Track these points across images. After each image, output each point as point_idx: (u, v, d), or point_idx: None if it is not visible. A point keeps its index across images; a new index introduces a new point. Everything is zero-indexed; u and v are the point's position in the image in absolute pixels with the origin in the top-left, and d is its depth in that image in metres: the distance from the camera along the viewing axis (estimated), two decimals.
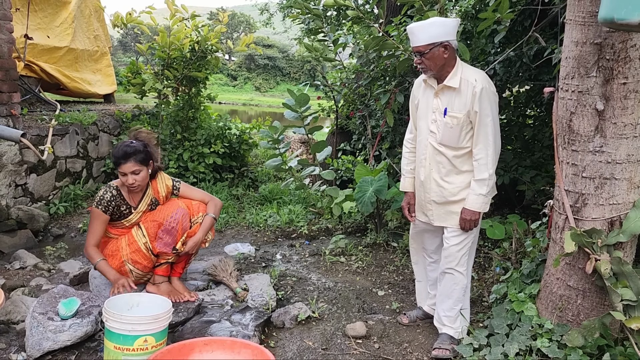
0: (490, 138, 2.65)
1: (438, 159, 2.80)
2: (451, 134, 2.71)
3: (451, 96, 2.71)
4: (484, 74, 2.74)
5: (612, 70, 2.28)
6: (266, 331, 3.04)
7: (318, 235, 5.05)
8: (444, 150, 2.76)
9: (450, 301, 2.89)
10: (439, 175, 2.81)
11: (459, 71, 2.70)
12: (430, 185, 2.85)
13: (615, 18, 1.84)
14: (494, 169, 2.69)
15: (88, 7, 7.58)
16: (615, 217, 2.44)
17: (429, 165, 2.84)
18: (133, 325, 2.40)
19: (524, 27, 4.42)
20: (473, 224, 2.76)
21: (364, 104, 5.81)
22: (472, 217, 2.73)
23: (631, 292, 2.33)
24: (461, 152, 2.74)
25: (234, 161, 6.69)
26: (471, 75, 2.68)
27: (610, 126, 2.35)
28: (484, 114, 2.64)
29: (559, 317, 2.65)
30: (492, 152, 2.67)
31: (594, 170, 2.43)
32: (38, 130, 5.11)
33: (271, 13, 14.09)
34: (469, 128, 2.70)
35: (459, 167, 2.76)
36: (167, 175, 3.33)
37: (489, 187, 2.70)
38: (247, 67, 41.15)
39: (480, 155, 2.68)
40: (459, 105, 2.68)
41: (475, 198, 2.70)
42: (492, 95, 2.68)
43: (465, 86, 2.67)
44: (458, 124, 2.68)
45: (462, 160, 2.75)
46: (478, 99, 2.62)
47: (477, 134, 2.67)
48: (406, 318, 3.22)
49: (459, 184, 2.77)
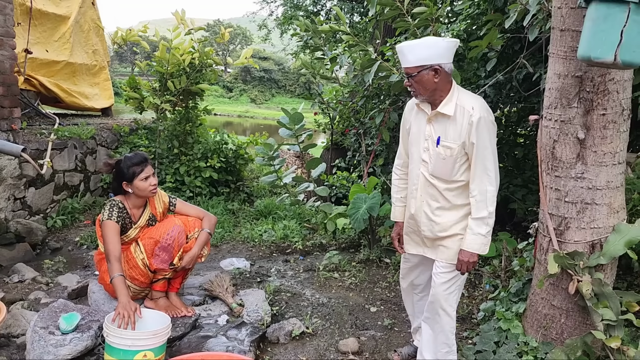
0: (489, 172, 2.42)
1: (430, 191, 2.58)
2: (444, 166, 2.49)
3: (445, 124, 2.47)
4: (482, 100, 2.49)
5: (592, 102, 2.42)
6: (261, 346, 3.12)
7: (312, 250, 5.14)
8: (436, 182, 2.54)
9: (439, 342, 2.69)
10: (429, 208, 2.59)
11: (455, 97, 2.46)
12: (420, 218, 2.64)
13: (592, 57, 1.98)
14: (493, 206, 2.44)
15: (87, 22, 7.70)
16: (596, 240, 2.56)
17: (420, 197, 2.62)
18: (133, 341, 2.49)
19: (514, 51, 4.57)
20: (471, 266, 2.50)
21: (359, 121, 5.94)
22: (470, 259, 2.48)
23: (611, 312, 2.44)
24: (454, 186, 2.51)
25: (230, 175, 6.79)
26: (468, 102, 2.43)
27: (591, 154, 2.48)
28: (481, 145, 2.39)
29: (543, 335, 2.75)
30: (493, 189, 2.43)
31: (576, 195, 2.55)
32: (37, 144, 5.20)
33: (269, 29, 14.26)
34: (463, 160, 2.47)
35: (452, 202, 2.53)
36: (163, 192, 3.44)
37: (489, 226, 2.45)
38: (242, 79, 41.43)
39: (478, 191, 2.43)
40: (454, 135, 2.45)
41: (473, 238, 2.46)
42: (491, 125, 2.42)
43: (460, 114, 2.43)
44: (452, 155, 2.45)
45: (455, 194, 2.52)
46: (475, 129, 2.38)
47: (474, 167, 2.43)
48: (397, 356, 3.06)
49: (451, 218, 2.55)
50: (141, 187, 3.10)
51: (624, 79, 2.42)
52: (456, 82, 2.52)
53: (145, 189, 3.11)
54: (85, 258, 4.68)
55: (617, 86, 2.40)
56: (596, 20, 1.96)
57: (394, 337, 3.35)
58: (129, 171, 3.07)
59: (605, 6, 1.93)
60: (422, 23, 4.13)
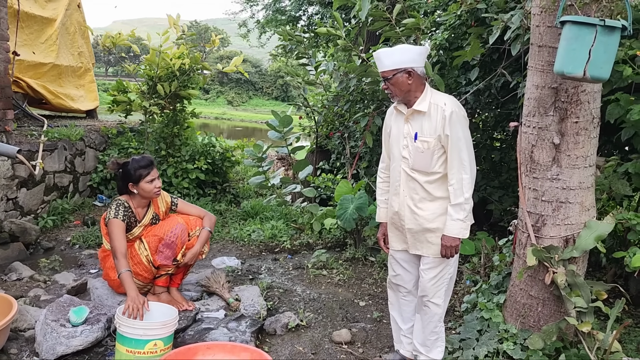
0: (464, 162, 2.63)
1: (411, 185, 2.77)
2: (423, 159, 2.69)
3: (421, 121, 2.70)
4: (453, 98, 2.73)
5: (567, 111, 2.68)
6: (260, 337, 3.31)
7: (300, 249, 5.33)
8: (416, 175, 2.74)
9: (428, 331, 2.88)
10: (412, 202, 2.77)
11: (428, 96, 2.70)
12: (404, 212, 2.81)
13: (565, 72, 2.26)
14: (470, 193, 2.65)
15: (73, 25, 7.77)
16: (570, 235, 2.82)
17: (403, 192, 2.80)
18: (144, 330, 2.65)
19: (492, 59, 4.85)
20: (454, 250, 2.71)
21: (343, 124, 6.16)
22: (452, 244, 2.69)
23: (582, 300, 2.70)
24: (434, 177, 2.71)
25: (217, 177, 6.93)
26: (440, 99, 2.68)
27: (565, 158, 2.74)
28: (455, 137, 2.61)
29: (522, 323, 3.00)
30: (468, 176, 2.64)
31: (552, 195, 2.81)
32: (29, 145, 5.27)
33: (249, 29, 14.40)
34: (441, 152, 2.68)
35: (432, 193, 2.73)
36: (165, 192, 3.60)
37: (466, 211, 2.66)
38: (219, 81, 41.34)
39: (455, 180, 2.65)
40: (429, 130, 2.67)
41: (452, 224, 2.67)
42: (463, 119, 2.66)
43: (434, 110, 2.66)
44: (429, 148, 2.67)
45: (436, 186, 2.72)
46: (448, 123, 2.61)
47: (450, 158, 2.64)
48: None
49: (434, 210, 2.74)
50: (146, 189, 3.26)
51: (594, 90, 2.70)
52: (440, 90, 2.75)
53: (150, 190, 3.27)
54: (79, 257, 4.78)
55: (589, 97, 2.67)
56: (569, 40, 2.24)
57: (383, 328, 3.57)
58: (135, 173, 3.23)
59: (577, 27, 2.20)
60: (407, 33, 4.38)
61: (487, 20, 4.11)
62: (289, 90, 40.52)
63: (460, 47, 4.57)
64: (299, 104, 6.54)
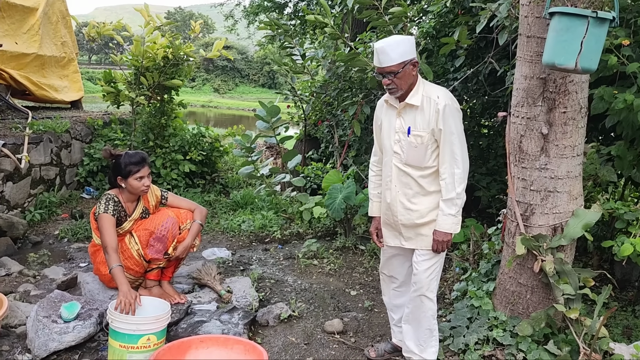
0: (456, 156, 2.58)
1: (404, 180, 2.71)
2: (416, 154, 2.63)
3: (414, 115, 2.63)
4: (446, 90, 2.68)
5: (555, 101, 2.71)
6: (252, 329, 3.33)
7: (290, 239, 5.34)
8: (409, 170, 2.68)
9: (422, 329, 2.83)
10: (405, 197, 2.72)
11: (421, 89, 2.62)
12: (397, 207, 2.76)
13: (556, 63, 2.27)
14: (462, 187, 2.61)
15: (55, 14, 7.62)
16: (558, 224, 2.86)
17: (395, 187, 2.75)
18: (137, 325, 2.65)
19: (480, 47, 4.86)
20: (445, 245, 2.68)
21: (331, 113, 6.15)
22: (443, 239, 2.66)
23: (570, 287, 2.75)
24: (427, 172, 2.66)
25: (206, 167, 6.90)
26: (433, 92, 2.61)
27: (553, 147, 2.77)
28: (448, 131, 2.56)
29: (511, 310, 3.05)
30: (460, 171, 2.59)
31: (540, 184, 2.84)
32: (14, 138, 5.20)
33: (236, 20, 14.26)
34: (434, 147, 2.62)
35: (426, 188, 2.68)
36: (155, 186, 3.58)
37: (458, 206, 2.62)
38: (205, 68, 40.89)
39: (447, 174, 2.60)
40: (422, 124, 2.60)
41: (444, 219, 2.63)
42: (456, 112, 2.60)
43: (427, 104, 2.59)
44: (422, 142, 2.61)
45: (429, 180, 2.67)
46: (442, 116, 2.55)
47: (442, 152, 2.59)
48: (374, 352, 3.10)
49: (427, 205, 2.69)
50: (134, 185, 3.25)
51: (582, 80, 2.72)
52: (429, 79, 2.73)
53: (137, 187, 3.26)
54: (68, 251, 4.75)
55: (576, 87, 2.69)
56: (559, 31, 2.24)
57: (374, 317, 3.61)
58: (125, 168, 3.21)
59: (567, 19, 2.21)
60: (395, 21, 4.37)
61: (474, 10, 4.11)
62: (276, 77, 40.25)
63: (447, 35, 4.57)
64: (287, 92, 6.51)
